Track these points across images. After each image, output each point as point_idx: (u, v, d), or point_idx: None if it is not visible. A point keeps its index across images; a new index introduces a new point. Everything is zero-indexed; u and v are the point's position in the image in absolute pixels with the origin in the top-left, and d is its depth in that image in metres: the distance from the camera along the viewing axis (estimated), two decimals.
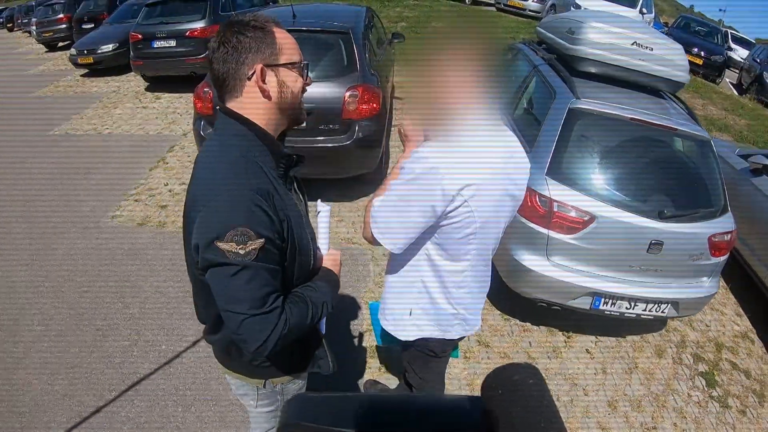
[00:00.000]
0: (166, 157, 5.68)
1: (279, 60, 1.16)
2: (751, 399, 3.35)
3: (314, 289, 1.26)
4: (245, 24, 1.14)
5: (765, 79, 12.10)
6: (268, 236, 1.07)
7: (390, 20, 11.90)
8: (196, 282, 1.25)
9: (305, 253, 1.24)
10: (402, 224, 1.42)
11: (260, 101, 1.16)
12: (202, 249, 1.07)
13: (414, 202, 1.37)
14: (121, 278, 3.64)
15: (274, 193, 1.12)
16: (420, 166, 1.35)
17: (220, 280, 1.08)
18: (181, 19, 7.34)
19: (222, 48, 1.12)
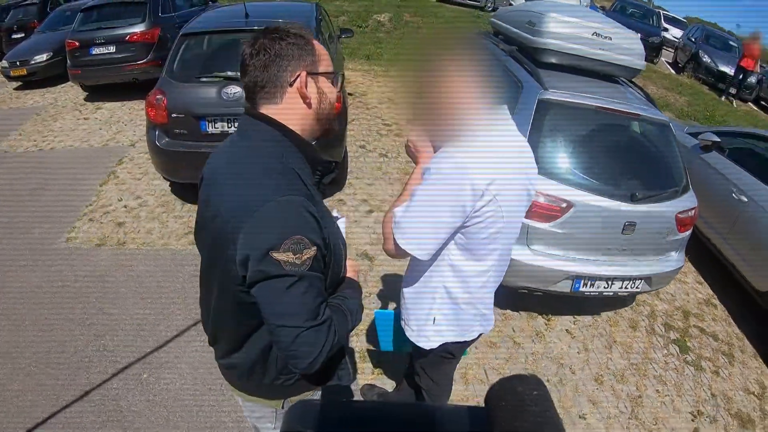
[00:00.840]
0: (115, 170, 5.38)
1: (319, 68, 1.15)
2: (722, 360, 3.61)
3: (345, 298, 1.24)
4: (285, 31, 1.12)
5: (701, 57, 12.88)
6: (319, 243, 1.05)
7: (330, 15, 11.77)
8: (225, 302, 1.18)
9: (338, 261, 1.22)
10: (431, 228, 1.40)
11: (300, 108, 1.15)
12: (256, 261, 1.01)
13: (443, 202, 1.36)
14: (87, 306, 3.41)
15: (314, 199, 1.10)
16: (447, 165, 1.35)
17: (275, 294, 1.02)
18: (119, 23, 6.93)
19: (262, 54, 1.10)
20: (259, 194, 1.02)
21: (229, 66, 4.18)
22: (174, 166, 4.23)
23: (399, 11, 12.42)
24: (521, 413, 0.40)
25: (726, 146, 4.68)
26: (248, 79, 1.13)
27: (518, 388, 0.42)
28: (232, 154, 1.17)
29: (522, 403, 0.41)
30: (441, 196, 1.35)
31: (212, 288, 1.21)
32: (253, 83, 1.12)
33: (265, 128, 1.12)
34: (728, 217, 4.26)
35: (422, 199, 1.38)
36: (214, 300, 1.23)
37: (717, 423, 3.10)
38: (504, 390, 0.43)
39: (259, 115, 1.13)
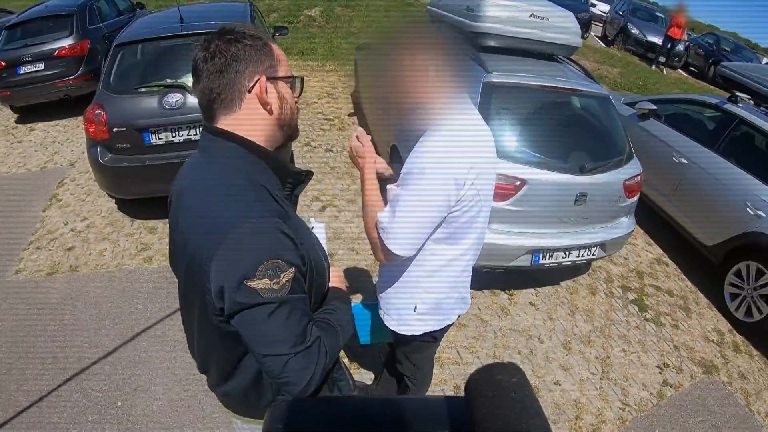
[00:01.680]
0: (57, 193, 5.11)
1: (278, 72, 1.08)
2: (680, 313, 3.83)
3: (334, 311, 1.18)
4: (241, 32, 1.04)
5: (629, 29, 13.46)
6: (297, 263, 0.98)
7: (261, 13, 11.54)
8: (207, 330, 1.11)
9: (321, 274, 1.15)
10: (418, 225, 1.41)
11: (260, 116, 1.06)
12: (231, 292, 0.94)
13: (429, 200, 1.37)
14: (48, 339, 3.24)
15: (287, 215, 1.03)
16: (427, 160, 1.35)
17: (256, 323, 0.96)
18: (47, 38, 6.53)
19: (218, 58, 1.01)
20: (227, 219, 0.95)
21: (167, 74, 4.04)
22: (120, 183, 4.07)
23: (330, 5, 12.28)
24: (501, 401, 0.40)
25: (662, 113, 4.93)
26: (202, 86, 1.04)
27: (497, 376, 0.43)
28: (196, 175, 1.09)
29: (501, 391, 0.41)
30: (427, 195, 1.37)
31: (193, 317, 1.15)
32: (208, 90, 1.03)
33: (226, 144, 1.04)
34: (671, 179, 4.51)
35: (409, 201, 1.39)
36: (196, 329, 1.17)
37: (683, 372, 3.30)
38: (483, 379, 0.43)
39: (217, 131, 1.05)
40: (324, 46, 10.05)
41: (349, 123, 6.57)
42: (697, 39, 15.15)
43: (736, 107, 4.34)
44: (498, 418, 0.39)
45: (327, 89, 7.83)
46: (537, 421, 0.39)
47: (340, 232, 4.26)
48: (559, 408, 2.90)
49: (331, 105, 7.17)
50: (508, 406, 0.40)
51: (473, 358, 3.13)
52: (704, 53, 14.03)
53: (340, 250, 4.01)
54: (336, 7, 12.10)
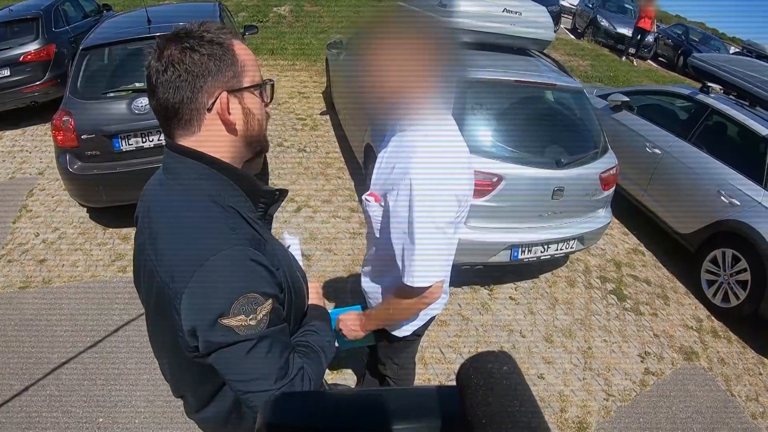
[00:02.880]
0: (27, 203, 4.95)
1: (243, 82, 0.94)
2: (658, 302, 3.90)
3: (315, 332, 1.12)
4: (198, 38, 0.90)
5: (599, 21, 13.62)
6: (274, 293, 0.92)
7: (230, 12, 11.39)
8: (181, 362, 1.03)
9: (300, 296, 1.09)
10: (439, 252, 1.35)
11: (223, 136, 0.95)
12: (205, 332, 0.87)
13: (441, 228, 1.32)
14: (23, 355, 3.13)
15: (261, 240, 0.95)
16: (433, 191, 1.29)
17: (234, 362, 0.89)
18: (10, 43, 6.30)
19: (170, 71, 0.88)
20: (196, 252, 0.87)
21: (136, 77, 3.94)
22: (90, 191, 3.96)
23: (299, 2, 12.17)
24: (492, 389, 0.40)
25: (634, 104, 5.01)
26: (156, 103, 0.92)
27: (488, 364, 0.42)
28: (161, 197, 1.00)
29: (493, 380, 0.41)
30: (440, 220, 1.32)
31: (163, 347, 1.08)
32: (163, 108, 0.92)
33: (191, 164, 0.94)
34: (645, 170, 4.58)
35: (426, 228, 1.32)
36: (167, 359, 1.10)
37: (664, 360, 3.36)
38: (474, 367, 0.42)
39: (180, 148, 0.94)
40: (294, 44, 9.95)
41: (322, 122, 6.51)
42: (665, 30, 15.44)
43: (708, 97, 4.43)
44: (490, 405, 0.39)
45: (298, 88, 7.76)
46: (529, 408, 0.39)
47: (316, 233, 4.22)
48: (544, 401, 2.92)
49: (303, 104, 7.10)
50: (499, 394, 0.40)
51: (456, 356, 3.14)
52: (673, 44, 14.31)
53: (317, 251, 3.98)
54: (305, 5, 12.00)
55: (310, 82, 8.05)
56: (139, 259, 1.06)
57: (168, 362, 1.12)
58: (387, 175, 1.42)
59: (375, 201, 1.48)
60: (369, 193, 1.51)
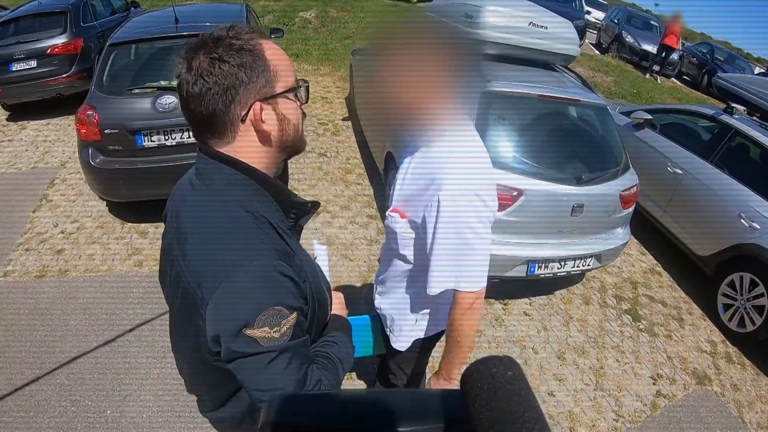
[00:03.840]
0: (48, 193, 5.03)
1: (276, 89, 0.92)
2: (673, 324, 3.83)
3: (334, 343, 1.11)
4: (227, 46, 0.88)
5: (624, 38, 13.51)
6: (299, 306, 0.92)
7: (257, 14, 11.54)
8: (200, 362, 1.03)
9: (323, 307, 1.09)
10: (487, 252, 1.38)
11: (258, 145, 0.94)
12: (228, 340, 0.88)
13: (482, 220, 1.33)
14: (35, 344, 3.17)
15: (291, 251, 0.94)
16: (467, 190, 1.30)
17: (254, 371, 0.90)
18: (39, 35, 6.44)
19: (200, 83, 0.87)
20: (226, 260, 0.87)
21: (161, 75, 3.99)
22: (111, 186, 4.01)
23: (325, 7, 12.27)
24: (496, 394, 0.40)
25: (657, 122, 4.95)
26: (187, 113, 0.92)
27: (493, 369, 0.42)
28: (193, 200, 0.99)
29: (497, 384, 0.40)
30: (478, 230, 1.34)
31: (183, 346, 1.08)
32: (194, 120, 0.92)
33: (224, 170, 0.93)
34: (666, 190, 4.52)
35: (471, 247, 1.35)
36: (187, 359, 1.11)
37: (676, 383, 3.30)
38: (479, 372, 0.42)
39: (214, 153, 0.94)
40: (319, 48, 10.02)
41: (343, 127, 6.54)
42: (690, 48, 15.29)
43: (732, 118, 4.37)
44: (493, 410, 0.39)
45: (321, 93, 7.80)
46: (533, 414, 0.38)
47: (333, 238, 4.22)
48: (553, 419, 2.88)
49: (325, 109, 7.14)
50: (503, 399, 0.39)
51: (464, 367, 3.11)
52: (698, 62, 14.16)
53: (333, 257, 3.98)
54: (331, 10, 12.08)
55: (334, 88, 8.09)
56: (166, 259, 1.07)
57: (187, 362, 1.12)
58: (414, 191, 1.41)
59: (400, 217, 1.46)
60: (392, 209, 1.49)
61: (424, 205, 1.35)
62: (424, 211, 1.36)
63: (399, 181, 1.51)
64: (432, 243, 1.36)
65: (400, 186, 1.49)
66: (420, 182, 1.39)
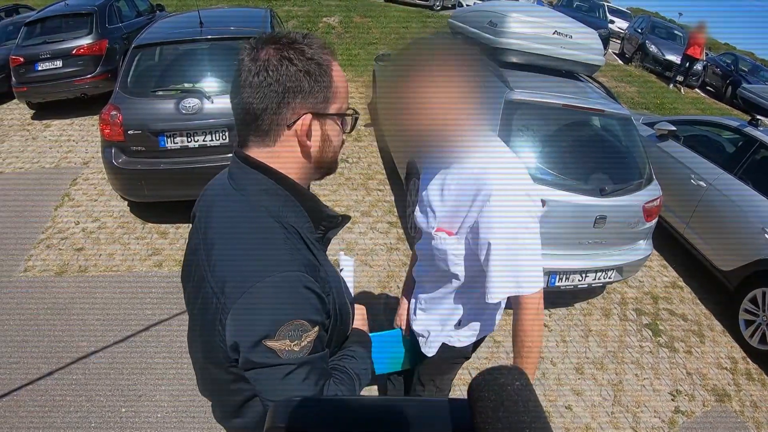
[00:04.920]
0: (70, 192, 5.12)
1: (330, 108, 0.92)
2: (693, 339, 3.76)
3: (353, 358, 1.09)
4: (299, 50, 0.87)
5: (647, 47, 13.35)
6: (321, 321, 0.91)
7: (280, 19, 11.63)
8: (214, 368, 1.03)
9: (345, 321, 1.07)
10: (537, 247, 1.38)
11: (296, 156, 0.93)
12: (247, 350, 0.87)
13: (531, 223, 1.35)
14: (53, 340, 3.21)
15: (317, 264, 0.93)
16: (514, 194, 1.33)
17: (271, 382, 0.89)
18: (65, 36, 6.59)
19: (263, 75, 0.85)
20: (251, 269, 0.87)
21: (185, 78, 4.04)
22: (133, 186, 4.06)
23: (349, 13, 12.34)
24: (503, 404, 0.40)
25: (681, 134, 4.87)
26: (239, 103, 0.89)
27: (500, 379, 0.42)
28: (223, 204, 0.98)
29: (504, 395, 0.41)
30: (531, 228, 1.35)
31: (199, 350, 1.07)
32: (243, 111, 0.90)
33: (258, 177, 0.92)
34: (689, 202, 4.44)
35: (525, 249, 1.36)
36: (200, 366, 1.10)
37: (695, 400, 3.23)
38: (486, 382, 0.42)
39: (248, 159, 0.93)
40: (342, 54, 10.06)
41: (366, 133, 6.55)
42: (714, 58, 15.03)
43: (757, 130, 4.28)
44: (499, 420, 0.39)
45: None
46: (539, 425, 0.38)
47: (353, 244, 4.22)
48: None
49: None
50: (510, 409, 0.39)
51: None
52: (722, 73, 13.90)
53: None
54: (354, 16, 12.15)
55: (357, 94, 8.12)
56: (191, 259, 1.06)
57: (200, 366, 1.12)
58: (458, 207, 1.41)
59: (448, 235, 1.46)
60: (437, 229, 1.48)
61: (474, 218, 1.36)
62: (474, 223, 1.36)
63: (435, 199, 1.50)
64: (488, 251, 1.35)
65: (440, 205, 1.48)
66: (462, 198, 1.39)
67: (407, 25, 12.01)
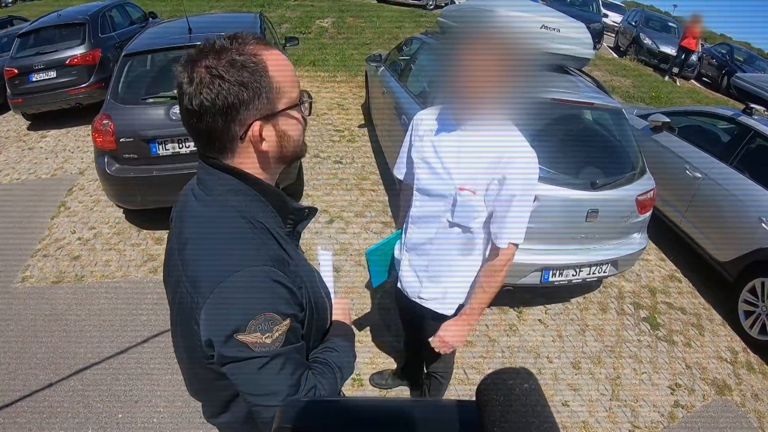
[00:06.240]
0: (66, 201, 5.14)
1: (278, 106, 0.91)
2: (692, 331, 3.73)
3: (334, 350, 1.10)
4: (227, 62, 0.85)
5: (642, 40, 13.33)
6: (293, 313, 0.92)
7: (273, 23, 11.66)
8: (198, 367, 1.05)
9: (322, 314, 1.09)
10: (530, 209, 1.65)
11: (256, 160, 0.95)
12: (220, 345, 0.89)
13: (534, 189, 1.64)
14: (50, 348, 3.23)
15: (287, 258, 0.95)
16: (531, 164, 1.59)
17: (246, 375, 0.91)
18: (58, 46, 6.63)
19: (200, 99, 0.85)
20: (220, 266, 0.89)
21: (175, 85, 4.04)
22: (127, 193, 4.07)
23: (342, 15, 12.36)
24: (512, 407, 0.40)
25: (675, 125, 4.85)
26: (189, 128, 0.92)
27: (509, 381, 0.42)
28: (193, 207, 1.00)
29: (513, 397, 0.41)
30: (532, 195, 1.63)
31: (183, 351, 1.10)
32: (194, 134, 0.92)
33: (223, 178, 0.94)
34: (685, 194, 4.42)
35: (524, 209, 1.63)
36: (186, 364, 1.11)
37: (695, 393, 3.20)
38: (494, 383, 0.43)
39: (213, 163, 0.95)
40: (335, 56, 10.09)
41: (359, 134, 6.55)
42: (710, 49, 15.00)
43: (751, 119, 4.25)
44: (508, 422, 0.39)
45: (337, 100, 7.85)
46: (548, 427, 0.39)
47: (347, 246, 4.22)
48: (567, 430, 2.82)
49: (341, 116, 7.18)
50: (518, 412, 0.40)
51: (480, 378, 3.06)
52: (717, 63, 13.87)
53: (347, 264, 3.97)
54: (347, 18, 12.16)
55: (350, 95, 8.13)
56: (169, 263, 1.08)
57: (186, 366, 1.13)
58: (480, 168, 1.61)
59: (472, 194, 1.64)
60: (461, 187, 1.65)
61: (500, 173, 1.57)
62: (501, 177, 1.58)
63: (451, 162, 1.68)
64: (509, 205, 1.60)
65: (456, 166, 1.66)
66: (485, 160, 1.59)
67: (400, 25, 12.03)
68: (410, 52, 5.00)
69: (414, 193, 1.85)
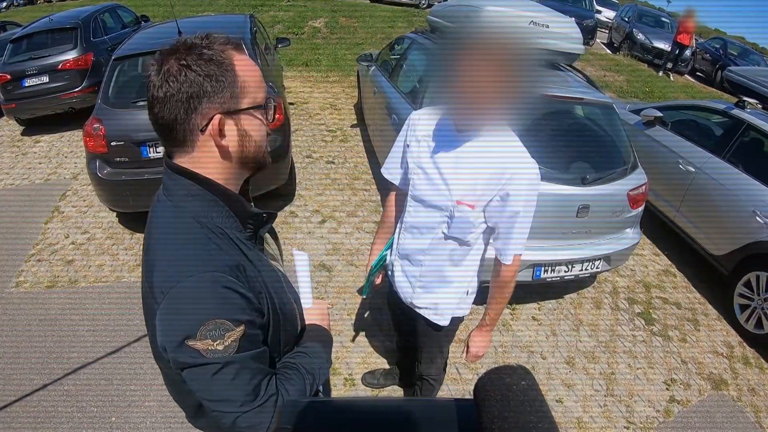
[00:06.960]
0: (59, 205, 5.13)
1: (240, 104, 0.92)
2: (688, 326, 3.73)
3: (306, 355, 1.09)
4: (196, 54, 0.87)
5: (635, 36, 13.34)
6: (248, 320, 0.90)
7: (265, 24, 11.67)
8: (169, 375, 1.06)
9: (290, 319, 1.07)
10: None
11: (216, 157, 0.94)
12: (172, 350, 0.88)
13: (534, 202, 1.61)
14: (44, 353, 3.22)
15: (245, 263, 0.94)
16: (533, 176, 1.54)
17: (201, 381, 0.90)
18: (51, 51, 6.61)
19: (166, 87, 0.86)
20: (173, 271, 0.88)
21: None
22: (118, 197, 4.06)
23: (334, 15, 12.36)
24: (510, 404, 0.40)
25: (668, 120, 4.85)
26: (153, 118, 0.91)
27: (506, 379, 0.43)
28: (156, 213, 1.00)
29: (510, 394, 0.41)
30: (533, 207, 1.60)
31: (158, 356, 1.08)
32: (158, 125, 0.91)
33: (183, 182, 0.93)
34: (678, 188, 4.42)
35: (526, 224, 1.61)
36: (162, 371, 1.11)
37: (691, 387, 3.20)
38: (492, 381, 0.43)
39: (174, 167, 0.94)
40: (328, 56, 10.09)
41: (352, 134, 6.54)
42: (703, 44, 15.01)
43: (744, 112, 4.25)
44: (506, 419, 0.39)
45: (330, 101, 7.84)
46: (545, 424, 0.39)
47: (339, 246, 4.21)
48: (561, 427, 2.81)
49: (333, 116, 7.17)
50: (516, 409, 0.40)
51: (473, 376, 3.06)
52: (711, 58, 13.89)
53: (339, 264, 3.96)
54: (340, 18, 12.16)
55: (343, 95, 8.12)
56: (142, 267, 1.08)
57: (162, 370, 1.13)
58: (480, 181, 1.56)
59: (471, 208, 1.59)
60: (458, 202, 1.60)
61: (502, 190, 1.54)
62: (503, 194, 1.54)
63: (449, 173, 1.61)
64: (513, 222, 1.58)
65: (455, 178, 1.60)
66: (485, 173, 1.54)
67: (393, 25, 12.03)
68: (401, 51, 5.00)
69: (408, 199, 1.79)
